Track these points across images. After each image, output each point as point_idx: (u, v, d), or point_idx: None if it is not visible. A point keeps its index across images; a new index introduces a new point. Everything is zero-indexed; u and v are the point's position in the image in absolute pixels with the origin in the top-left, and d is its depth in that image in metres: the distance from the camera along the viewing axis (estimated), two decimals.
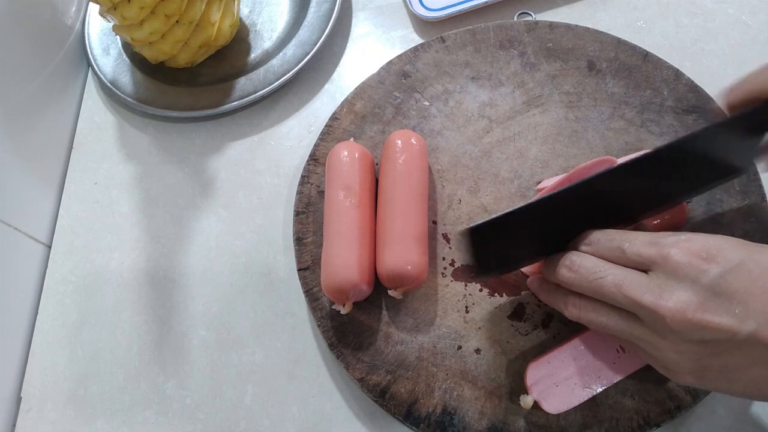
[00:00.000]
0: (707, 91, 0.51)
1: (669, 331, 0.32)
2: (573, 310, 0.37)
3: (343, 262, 0.43)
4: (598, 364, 0.41)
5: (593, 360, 0.41)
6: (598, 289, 0.35)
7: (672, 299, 0.31)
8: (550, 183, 0.49)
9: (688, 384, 0.34)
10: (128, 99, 0.59)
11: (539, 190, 0.49)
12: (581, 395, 0.40)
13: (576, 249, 0.38)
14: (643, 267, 0.34)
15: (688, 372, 0.33)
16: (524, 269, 0.45)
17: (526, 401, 0.40)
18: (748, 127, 0.40)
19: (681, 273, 0.32)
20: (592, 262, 0.36)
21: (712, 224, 0.46)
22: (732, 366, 0.31)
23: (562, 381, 0.40)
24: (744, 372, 0.31)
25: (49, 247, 0.56)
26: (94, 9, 0.65)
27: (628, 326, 0.34)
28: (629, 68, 0.53)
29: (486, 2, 0.59)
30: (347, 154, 0.48)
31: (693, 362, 0.32)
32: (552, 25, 0.56)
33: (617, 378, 0.40)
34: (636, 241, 0.35)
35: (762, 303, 0.30)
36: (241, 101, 0.57)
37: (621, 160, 0.43)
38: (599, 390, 0.40)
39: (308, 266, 0.49)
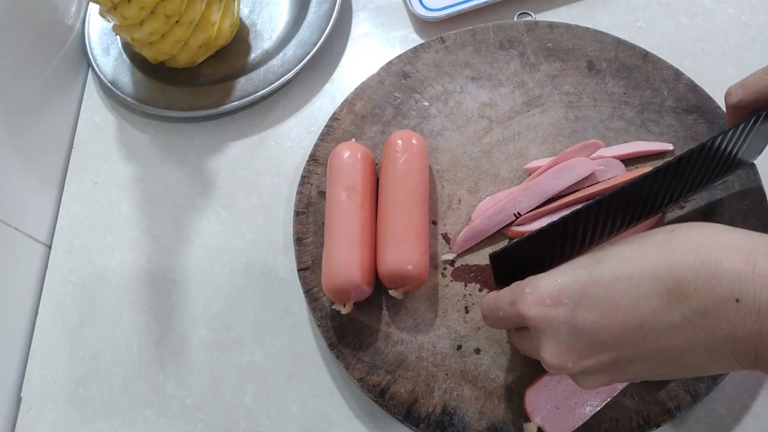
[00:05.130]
0: (707, 91, 0.51)
1: (572, 376, 0.33)
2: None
3: (345, 262, 0.43)
4: None
5: None
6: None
7: (547, 356, 0.33)
8: (539, 163, 0.50)
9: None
10: (128, 99, 0.59)
11: (528, 172, 0.50)
12: (584, 413, 0.40)
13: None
14: (520, 324, 0.36)
15: (618, 382, 0.34)
16: None
17: (530, 429, 0.40)
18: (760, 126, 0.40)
19: (539, 328, 0.33)
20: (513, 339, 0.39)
21: None
22: (644, 369, 0.32)
23: (562, 403, 0.40)
24: (657, 369, 0.32)
25: (49, 247, 0.56)
26: (94, 9, 0.65)
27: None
28: (629, 68, 0.53)
29: (486, 2, 0.59)
30: (349, 155, 0.48)
31: (613, 380, 0.33)
32: (552, 26, 0.56)
33: (616, 390, 0.41)
34: (505, 307, 0.36)
35: (619, 322, 0.30)
36: (241, 101, 0.57)
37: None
38: (602, 404, 0.40)
39: (308, 266, 0.49)
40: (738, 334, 0.28)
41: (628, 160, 0.49)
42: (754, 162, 0.47)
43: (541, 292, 0.33)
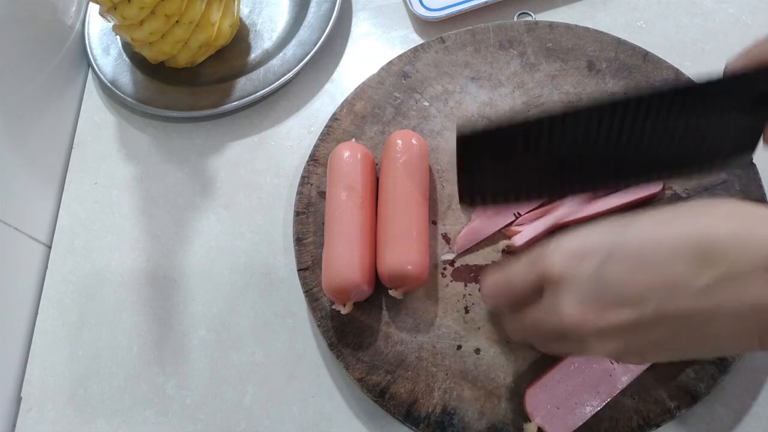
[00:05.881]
0: None
1: (587, 337, 0.32)
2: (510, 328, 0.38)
3: (345, 262, 0.43)
4: (594, 378, 0.41)
5: (589, 375, 0.41)
6: (532, 335, 0.36)
7: (566, 314, 0.32)
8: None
9: (639, 363, 0.34)
10: (128, 99, 0.59)
11: None
12: (584, 413, 0.40)
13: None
14: (537, 289, 0.34)
15: (629, 356, 0.33)
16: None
17: (530, 429, 0.40)
18: (748, 95, 0.37)
19: (563, 283, 0.32)
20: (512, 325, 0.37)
21: None
22: (662, 339, 0.31)
23: (562, 403, 0.40)
24: (675, 341, 0.31)
25: (49, 247, 0.56)
26: (94, 9, 0.65)
27: (564, 344, 0.34)
28: (629, 68, 0.53)
29: (486, 2, 0.59)
30: (349, 155, 0.48)
31: (627, 349, 0.32)
32: (552, 26, 0.56)
33: (616, 390, 0.41)
34: (521, 271, 0.35)
35: (647, 279, 0.30)
36: (241, 101, 0.57)
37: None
38: (602, 404, 0.40)
39: (308, 266, 0.49)
40: (764, 302, 0.28)
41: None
42: (754, 162, 0.47)
43: (569, 247, 0.33)
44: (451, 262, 0.48)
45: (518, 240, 0.47)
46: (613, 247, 0.31)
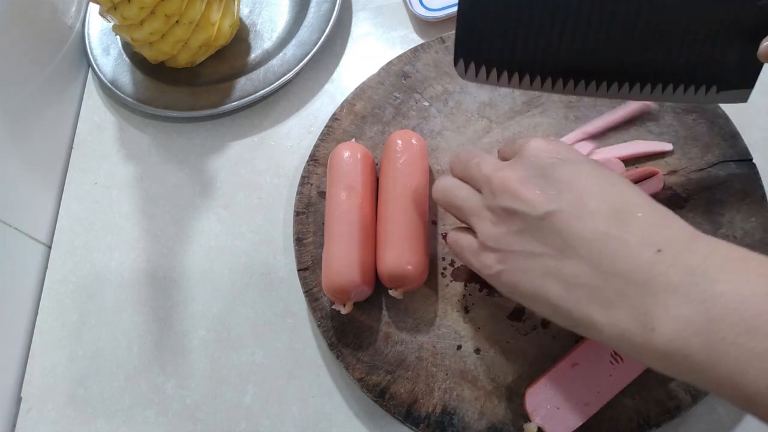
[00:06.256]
0: None
1: (491, 195, 0.35)
2: (438, 184, 0.40)
3: (345, 262, 0.43)
4: (594, 378, 0.41)
5: (589, 376, 0.41)
6: (468, 167, 0.38)
7: (507, 171, 0.35)
8: None
9: (493, 273, 0.35)
10: (128, 99, 0.60)
11: None
12: (584, 413, 0.40)
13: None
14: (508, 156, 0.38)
15: (494, 249, 0.34)
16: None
17: (530, 429, 0.40)
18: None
19: (526, 157, 0.35)
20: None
21: (712, 224, 0.46)
22: (527, 252, 0.33)
23: (562, 403, 0.40)
24: (534, 264, 0.32)
25: (49, 247, 0.56)
26: (94, 9, 0.65)
27: (472, 196, 0.37)
28: None
29: None
30: (349, 155, 0.48)
31: (500, 237, 0.34)
32: None
33: (616, 390, 0.40)
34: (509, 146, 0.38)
35: (576, 196, 0.32)
36: (241, 101, 0.57)
37: None
38: (602, 404, 0.40)
39: (308, 266, 0.49)
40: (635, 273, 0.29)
41: (628, 160, 0.49)
42: (754, 162, 0.47)
43: (555, 146, 0.35)
44: (451, 262, 0.48)
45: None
46: (582, 163, 0.34)
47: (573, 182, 0.33)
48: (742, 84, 0.41)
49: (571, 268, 0.31)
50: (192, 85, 0.60)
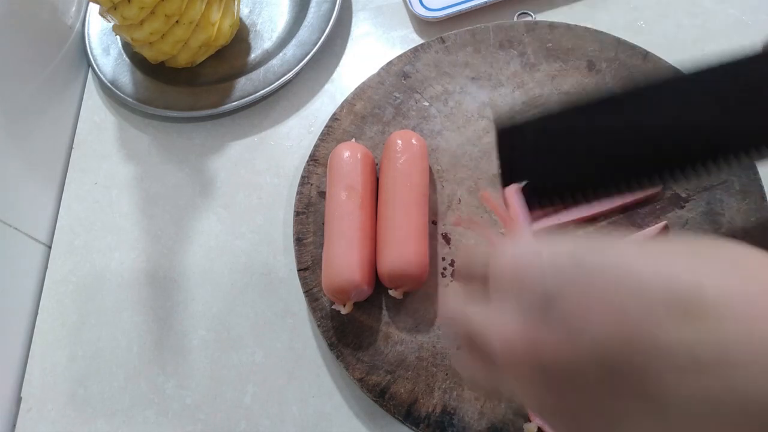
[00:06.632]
0: None
1: (508, 366, 0.25)
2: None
3: (345, 262, 0.43)
4: None
5: None
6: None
7: (501, 323, 0.25)
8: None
9: None
10: (128, 99, 0.59)
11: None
12: None
13: None
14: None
15: (552, 417, 0.25)
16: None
17: (530, 429, 0.40)
18: None
19: (511, 291, 0.25)
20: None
21: (712, 224, 0.46)
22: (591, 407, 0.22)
23: None
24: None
25: (49, 247, 0.56)
26: (94, 9, 0.65)
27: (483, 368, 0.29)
28: (629, 68, 0.53)
29: (486, 2, 0.59)
30: (349, 155, 0.48)
31: (551, 404, 0.24)
32: (552, 26, 0.56)
33: None
34: (478, 257, 0.29)
35: (610, 318, 0.22)
36: (241, 101, 0.57)
37: None
38: None
39: (308, 266, 0.49)
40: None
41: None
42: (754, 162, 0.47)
43: (527, 254, 0.25)
44: (451, 262, 0.48)
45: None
46: (579, 271, 0.23)
47: (597, 308, 0.22)
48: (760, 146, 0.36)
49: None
50: (192, 85, 0.60)
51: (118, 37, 0.63)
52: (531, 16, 0.59)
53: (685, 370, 0.19)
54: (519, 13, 0.59)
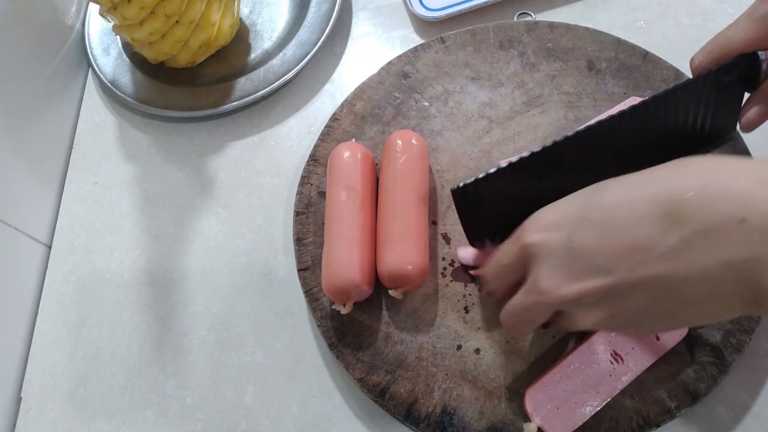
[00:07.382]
0: None
1: (569, 308, 0.32)
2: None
3: (345, 262, 0.43)
4: (594, 378, 0.41)
5: (589, 375, 0.41)
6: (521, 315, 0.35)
7: (543, 280, 0.32)
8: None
9: (636, 334, 0.34)
10: (128, 99, 0.59)
11: None
12: (584, 413, 0.40)
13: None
14: (523, 266, 0.34)
15: (620, 326, 0.32)
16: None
17: (530, 428, 0.40)
18: (722, 84, 0.38)
19: (538, 254, 0.32)
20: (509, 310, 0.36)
21: None
22: (643, 305, 0.30)
23: (562, 403, 0.40)
24: (657, 306, 0.30)
25: (49, 247, 0.56)
26: (94, 9, 0.65)
27: (555, 321, 0.34)
28: (629, 68, 0.53)
29: (486, 2, 0.59)
30: (349, 155, 0.48)
31: (613, 318, 0.31)
32: (552, 26, 0.56)
33: (617, 390, 0.40)
34: (508, 249, 0.35)
35: (616, 244, 0.29)
36: (241, 101, 0.57)
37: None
38: (602, 404, 0.40)
39: (308, 266, 0.49)
40: (740, 256, 0.26)
41: None
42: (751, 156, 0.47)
43: (541, 220, 0.33)
44: (451, 262, 0.48)
45: (463, 255, 0.47)
46: (582, 215, 0.31)
47: (601, 236, 0.30)
48: (724, 134, 0.43)
49: (681, 297, 0.29)
50: (192, 85, 0.60)
51: (118, 37, 0.63)
52: (531, 16, 0.59)
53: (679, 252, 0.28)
54: (519, 13, 0.59)
